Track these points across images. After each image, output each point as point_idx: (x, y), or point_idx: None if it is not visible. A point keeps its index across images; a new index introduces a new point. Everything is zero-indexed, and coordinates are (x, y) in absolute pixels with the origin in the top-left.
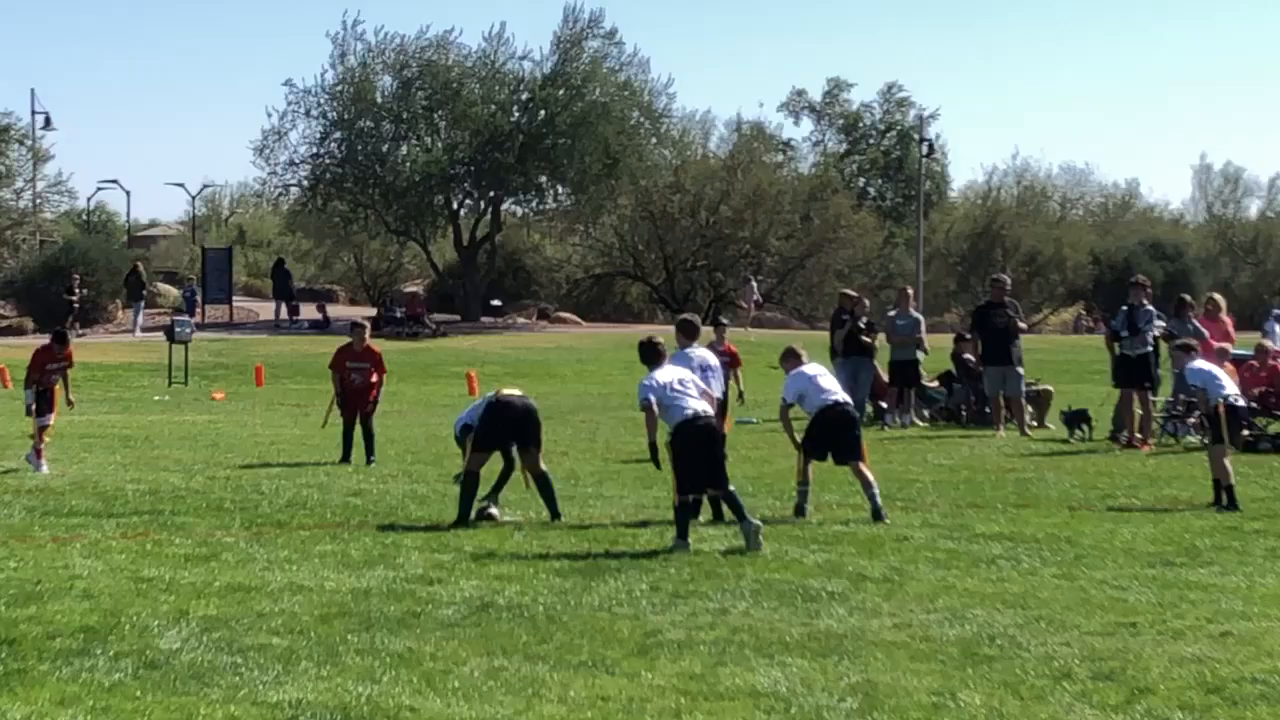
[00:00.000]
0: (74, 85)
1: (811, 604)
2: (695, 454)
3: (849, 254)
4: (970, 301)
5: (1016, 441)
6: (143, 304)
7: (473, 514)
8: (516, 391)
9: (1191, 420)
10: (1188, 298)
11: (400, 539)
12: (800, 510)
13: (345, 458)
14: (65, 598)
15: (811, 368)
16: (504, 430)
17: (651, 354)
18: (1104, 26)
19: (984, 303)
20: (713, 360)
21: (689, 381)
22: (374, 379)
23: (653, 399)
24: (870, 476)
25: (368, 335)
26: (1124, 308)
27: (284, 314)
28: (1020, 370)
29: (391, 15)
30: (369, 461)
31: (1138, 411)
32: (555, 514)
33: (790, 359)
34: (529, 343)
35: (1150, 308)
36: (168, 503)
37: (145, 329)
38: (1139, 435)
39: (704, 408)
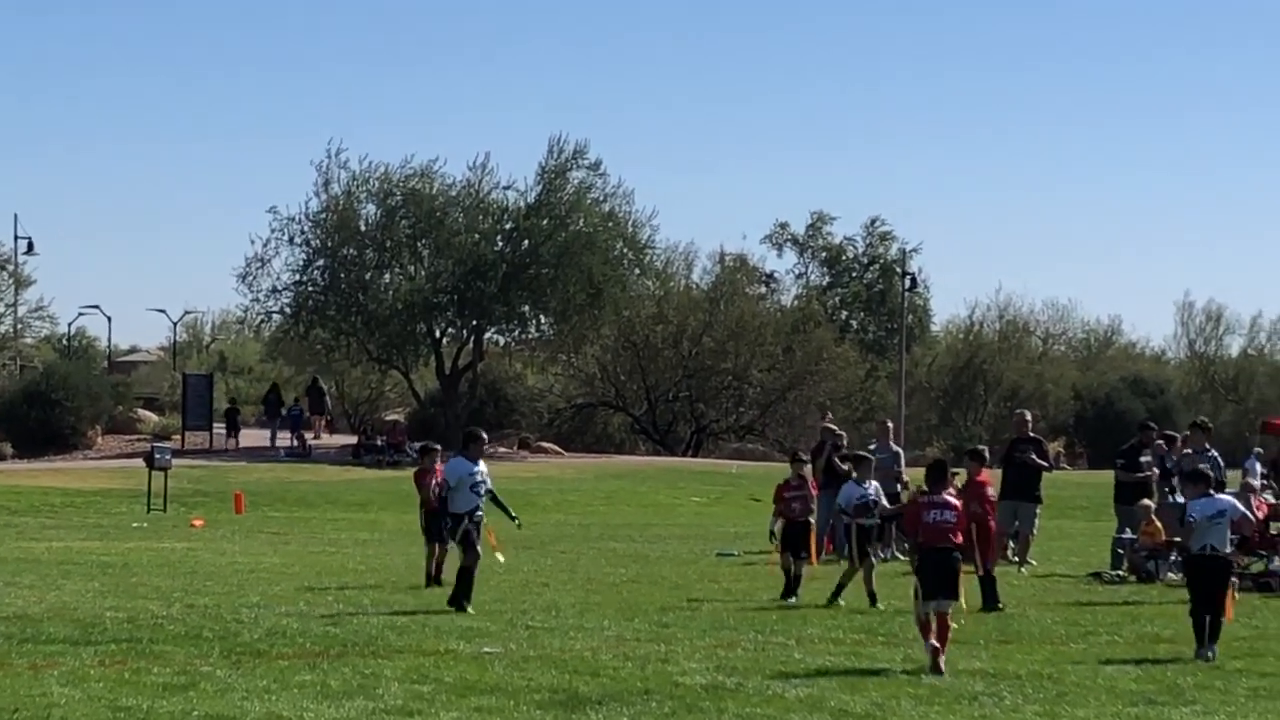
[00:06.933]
0: (57, 211)
1: None
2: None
3: (831, 387)
4: (952, 436)
5: (1000, 577)
6: (278, 421)
7: None
8: None
9: (1173, 557)
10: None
11: (380, 669)
12: None
13: None
14: None
15: None
16: None
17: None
18: (1088, 163)
19: (1013, 437)
20: None
21: None
22: None
23: None
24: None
25: None
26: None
27: (321, 428)
28: (1035, 508)
29: (375, 144)
30: None
31: None
32: None
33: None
34: (510, 472)
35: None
36: (146, 631)
37: (126, 455)
38: None
39: None
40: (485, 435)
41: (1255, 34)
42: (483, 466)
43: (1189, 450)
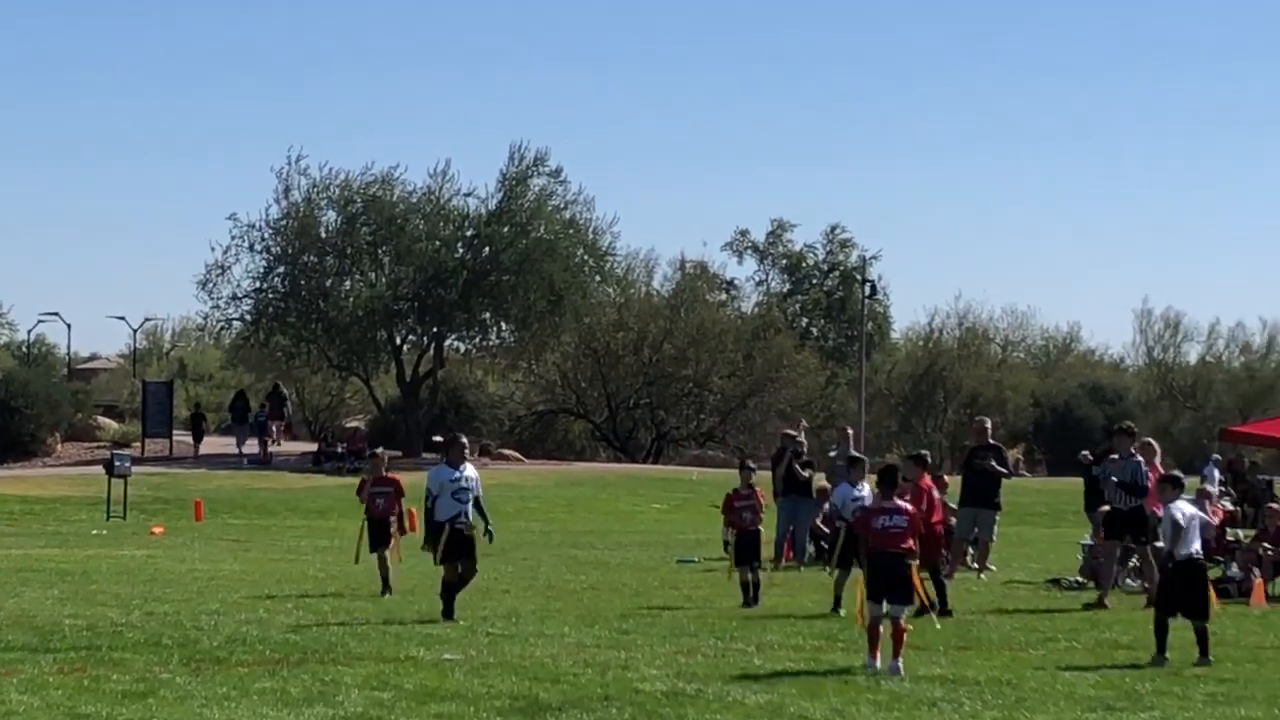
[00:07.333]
0: (16, 218)
1: None
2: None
3: (791, 394)
4: (911, 443)
5: (960, 583)
6: (247, 427)
7: None
8: None
9: (1132, 564)
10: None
11: (340, 676)
12: None
13: None
14: None
15: None
16: None
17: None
18: (1047, 171)
19: (973, 444)
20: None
21: None
22: None
23: None
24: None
25: None
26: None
27: (280, 434)
28: (995, 515)
29: (336, 151)
30: None
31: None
32: None
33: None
34: None
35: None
36: (105, 638)
37: (85, 462)
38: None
39: None
40: (465, 440)
41: (1211, 46)
42: (469, 471)
43: (1115, 456)
